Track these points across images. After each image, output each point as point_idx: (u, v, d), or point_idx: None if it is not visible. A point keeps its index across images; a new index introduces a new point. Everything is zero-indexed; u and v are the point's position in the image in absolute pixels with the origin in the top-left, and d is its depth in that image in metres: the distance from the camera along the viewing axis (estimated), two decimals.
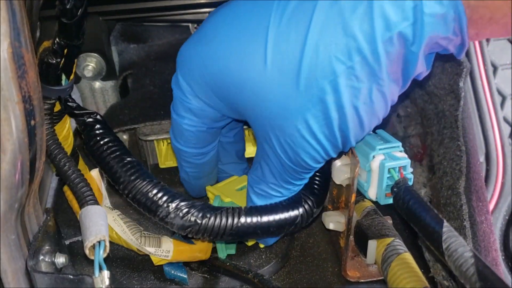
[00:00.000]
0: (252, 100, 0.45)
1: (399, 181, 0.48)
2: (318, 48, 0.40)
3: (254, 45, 0.43)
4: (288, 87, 0.42)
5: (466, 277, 0.38)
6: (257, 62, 0.43)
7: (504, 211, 0.68)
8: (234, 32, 0.45)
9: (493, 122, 0.70)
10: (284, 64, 0.42)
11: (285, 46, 0.42)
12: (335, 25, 0.39)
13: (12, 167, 0.37)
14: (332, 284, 0.55)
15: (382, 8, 0.38)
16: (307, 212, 0.51)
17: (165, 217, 0.48)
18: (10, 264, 0.41)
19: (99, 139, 0.51)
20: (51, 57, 0.47)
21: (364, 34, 0.39)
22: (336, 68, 0.40)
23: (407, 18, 0.38)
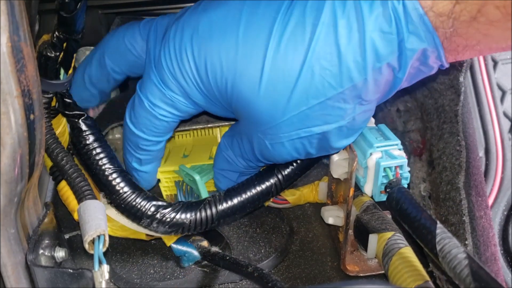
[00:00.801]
0: (242, 107, 0.47)
1: (392, 181, 0.48)
2: (314, 72, 0.43)
3: (252, 60, 0.44)
4: (279, 103, 0.45)
5: (461, 278, 0.38)
6: (253, 78, 0.45)
7: (503, 206, 0.68)
8: (231, 39, 0.45)
9: (493, 116, 0.70)
10: (279, 83, 0.44)
11: (282, 66, 0.44)
12: (332, 53, 0.42)
13: (12, 161, 0.37)
14: (331, 278, 0.55)
15: (373, 42, 0.41)
16: (280, 182, 0.54)
17: (148, 226, 0.51)
18: (10, 258, 0.41)
19: (86, 144, 0.51)
20: (50, 50, 0.47)
21: (356, 65, 0.42)
22: (328, 92, 0.44)
23: (394, 51, 0.42)
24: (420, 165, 0.62)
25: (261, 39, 0.44)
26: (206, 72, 0.47)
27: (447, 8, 0.40)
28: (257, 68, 0.44)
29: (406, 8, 0.40)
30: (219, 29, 0.46)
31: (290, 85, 0.44)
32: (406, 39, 0.41)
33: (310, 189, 0.61)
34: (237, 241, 0.57)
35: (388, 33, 0.41)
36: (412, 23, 0.41)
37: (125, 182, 0.51)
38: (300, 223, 0.62)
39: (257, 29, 0.44)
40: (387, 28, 0.41)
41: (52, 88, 0.49)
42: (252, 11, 0.45)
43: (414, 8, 0.40)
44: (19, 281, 0.42)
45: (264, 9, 0.44)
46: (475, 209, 0.54)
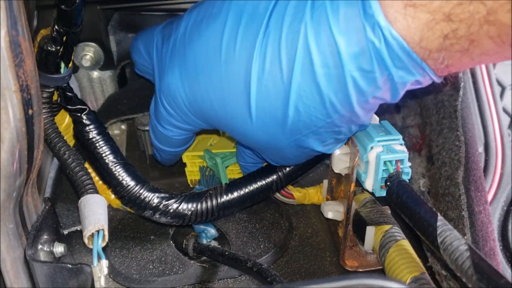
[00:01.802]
0: (240, 138, 0.50)
1: (392, 174, 0.48)
2: (299, 110, 0.43)
3: (239, 97, 0.45)
4: (274, 135, 0.46)
5: (462, 270, 0.38)
6: (243, 116, 0.46)
7: (503, 201, 0.68)
8: (216, 77, 0.46)
9: (493, 112, 0.70)
10: (268, 120, 0.45)
11: (268, 105, 0.44)
12: (312, 91, 0.42)
13: (10, 156, 0.37)
14: (330, 273, 0.55)
15: (354, 80, 0.40)
16: (281, 179, 0.55)
17: (151, 216, 0.53)
18: (9, 253, 0.41)
19: (89, 138, 0.52)
20: (51, 44, 0.47)
21: (340, 100, 0.42)
22: (318, 123, 0.44)
23: (379, 87, 0.41)
24: (419, 160, 0.62)
25: (242, 78, 0.44)
26: (201, 109, 0.49)
27: (436, 42, 0.38)
28: (245, 107, 0.45)
29: (391, 46, 0.38)
30: (203, 66, 0.46)
31: (279, 121, 0.44)
32: (395, 74, 0.40)
33: (316, 190, 0.61)
34: (236, 236, 0.57)
35: (369, 72, 0.40)
36: (398, 60, 0.39)
37: (128, 175, 0.52)
38: (299, 218, 0.62)
39: (237, 67, 0.44)
40: (368, 67, 0.39)
41: (53, 82, 0.49)
42: (230, 44, 0.44)
43: (400, 46, 0.38)
44: (18, 276, 0.42)
45: (241, 42, 0.43)
46: (474, 204, 0.54)
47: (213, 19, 0.46)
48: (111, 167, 0.52)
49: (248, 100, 0.44)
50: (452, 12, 0.36)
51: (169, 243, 0.57)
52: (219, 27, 0.45)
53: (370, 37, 0.38)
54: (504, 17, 0.34)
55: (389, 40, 0.38)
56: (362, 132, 0.51)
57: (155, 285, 0.53)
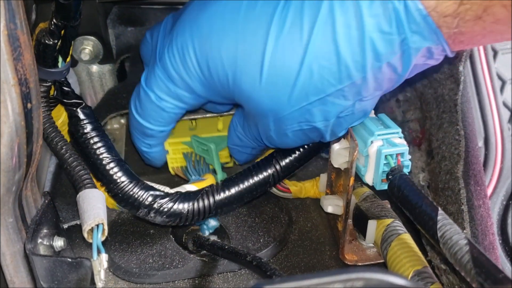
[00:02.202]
0: (245, 101, 0.48)
1: (394, 168, 0.48)
2: (313, 70, 0.43)
3: (251, 58, 0.45)
4: (280, 99, 0.45)
5: (461, 264, 0.38)
6: (253, 75, 0.45)
7: (502, 196, 0.68)
8: (230, 36, 0.45)
9: (493, 106, 0.70)
10: (278, 80, 0.44)
11: (281, 64, 0.44)
12: (330, 52, 0.42)
13: (9, 150, 0.37)
14: (330, 267, 0.55)
15: (373, 42, 0.41)
16: (278, 172, 0.54)
17: (146, 216, 0.51)
18: (9, 247, 0.41)
19: (83, 133, 0.51)
20: (48, 38, 0.46)
21: (355, 64, 0.42)
22: (327, 89, 0.44)
23: (395, 51, 0.42)
24: (419, 154, 0.62)
25: (259, 37, 0.44)
26: (208, 68, 0.47)
27: (451, 8, 0.39)
28: (257, 65, 0.44)
29: (408, 8, 0.39)
30: (218, 26, 0.46)
31: (289, 82, 0.44)
32: (410, 38, 0.41)
33: (312, 184, 0.61)
34: (236, 230, 0.57)
35: (388, 34, 0.41)
36: (415, 23, 0.40)
37: (122, 172, 0.51)
38: (299, 212, 0.62)
39: (255, 26, 0.44)
40: (387, 29, 0.40)
41: (50, 76, 0.49)
42: (250, 6, 0.44)
43: (416, 8, 0.39)
44: (17, 270, 0.42)
45: (262, 5, 0.44)
46: (473, 198, 0.54)
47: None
48: (104, 163, 0.51)
49: (262, 58, 0.44)
50: None
51: (169, 237, 0.57)
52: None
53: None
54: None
55: (408, 3, 0.39)
56: (360, 126, 0.51)
57: (155, 279, 0.53)
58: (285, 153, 0.55)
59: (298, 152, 0.54)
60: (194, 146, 0.60)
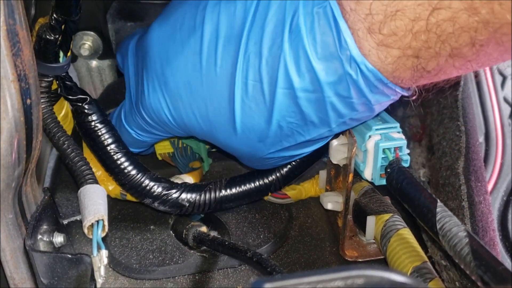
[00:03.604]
0: (222, 146, 0.51)
1: (393, 161, 0.48)
2: (282, 126, 0.45)
3: (222, 116, 0.46)
4: (256, 147, 0.48)
5: (461, 257, 0.38)
6: (227, 131, 0.47)
7: (503, 192, 0.68)
8: (199, 97, 0.47)
9: (493, 102, 0.70)
10: (251, 134, 0.47)
11: (251, 122, 0.46)
12: (294, 111, 0.44)
13: (9, 146, 0.37)
14: (330, 263, 0.55)
15: (333, 105, 0.42)
16: (279, 180, 0.56)
17: (151, 204, 0.54)
18: (8, 243, 0.41)
19: (91, 127, 0.52)
20: (49, 33, 0.46)
21: (321, 120, 0.44)
22: (298, 139, 0.47)
23: (356, 110, 0.43)
24: (420, 150, 0.62)
25: (226, 101, 0.45)
26: (184, 123, 0.49)
27: (408, 73, 0.40)
28: (229, 123, 0.46)
29: (367, 78, 0.40)
30: (184, 84, 0.47)
31: (262, 135, 0.46)
32: (371, 98, 0.42)
33: (311, 183, 0.61)
34: (236, 226, 0.57)
35: (347, 97, 0.42)
36: (375, 87, 0.41)
37: (130, 164, 0.53)
38: (299, 208, 0.62)
39: (220, 87, 0.45)
40: (346, 94, 0.41)
41: (52, 72, 0.49)
42: (210, 65, 0.45)
43: (375, 77, 0.40)
44: (17, 266, 0.42)
45: (222, 64, 0.44)
46: (474, 195, 0.53)
47: (187, 33, 0.46)
48: (113, 155, 0.52)
49: (233, 119, 0.46)
50: (419, 50, 0.38)
51: (169, 233, 0.57)
52: (195, 46, 0.45)
53: (347, 69, 0.40)
54: (467, 51, 0.37)
55: (365, 73, 0.40)
56: None
57: (155, 274, 0.53)
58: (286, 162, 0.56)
59: (298, 160, 0.55)
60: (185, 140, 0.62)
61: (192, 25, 0.46)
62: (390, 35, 0.38)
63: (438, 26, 0.36)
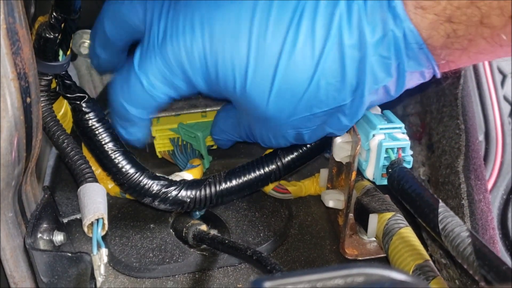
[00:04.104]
0: (249, 108, 0.49)
1: (394, 161, 0.48)
2: (320, 86, 0.45)
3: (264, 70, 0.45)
4: (286, 110, 0.47)
5: (464, 257, 0.38)
6: (263, 87, 0.46)
7: (503, 190, 0.68)
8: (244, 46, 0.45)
9: (493, 100, 0.70)
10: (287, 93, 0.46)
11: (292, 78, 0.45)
12: (337, 70, 0.44)
13: (8, 145, 0.37)
14: (330, 261, 0.55)
15: (372, 66, 0.43)
16: (280, 169, 0.55)
17: (151, 203, 0.53)
18: (8, 242, 0.41)
19: (88, 125, 0.52)
20: (49, 32, 0.46)
21: (357, 83, 0.44)
22: (330, 104, 0.46)
23: (391, 75, 0.44)
24: (420, 148, 0.62)
25: (273, 50, 0.45)
26: (217, 70, 0.47)
27: (440, 40, 0.42)
28: (268, 78, 0.45)
29: (407, 37, 0.42)
30: (233, 30, 0.45)
31: (297, 95, 0.46)
32: (406, 63, 0.43)
33: (312, 181, 0.61)
34: (236, 225, 0.57)
35: (386, 58, 0.43)
36: (411, 50, 0.42)
37: (128, 162, 0.52)
38: (299, 207, 0.62)
39: (270, 39, 0.44)
40: (386, 54, 0.43)
41: (51, 70, 0.49)
42: (264, 16, 0.45)
43: (414, 39, 0.42)
44: (17, 264, 0.42)
45: (276, 18, 0.44)
46: (474, 193, 0.53)
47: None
48: (111, 154, 0.52)
49: (274, 72, 0.45)
50: (453, 15, 0.40)
51: (169, 231, 0.57)
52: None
53: (391, 27, 0.42)
54: (496, 20, 0.39)
55: (406, 32, 0.42)
56: (363, 120, 0.50)
57: (155, 273, 0.53)
58: (288, 151, 0.55)
59: (300, 151, 0.55)
60: (181, 133, 0.62)
61: None
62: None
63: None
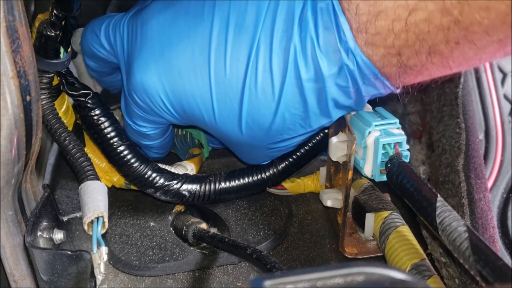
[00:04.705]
0: (223, 138, 0.53)
1: (393, 156, 0.48)
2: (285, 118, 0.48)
3: (229, 106, 0.48)
4: (259, 138, 0.50)
5: (460, 251, 0.38)
6: (232, 122, 0.49)
7: (503, 189, 0.68)
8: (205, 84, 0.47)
9: (493, 99, 0.70)
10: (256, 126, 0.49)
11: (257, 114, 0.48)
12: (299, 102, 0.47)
13: (8, 143, 0.37)
14: (329, 260, 0.55)
15: (332, 94, 0.46)
16: (275, 175, 0.57)
17: (153, 194, 0.56)
18: (8, 240, 0.41)
19: (95, 121, 0.53)
20: (50, 29, 0.46)
21: (321, 110, 0.47)
22: (299, 131, 0.50)
23: (351, 98, 0.47)
24: (420, 147, 0.62)
25: (236, 91, 0.47)
26: (184, 110, 0.49)
27: (393, 69, 0.44)
28: (235, 115, 0.48)
29: (362, 69, 0.44)
30: (189, 70, 0.47)
31: (265, 127, 0.49)
32: (363, 89, 0.46)
33: (312, 179, 0.61)
34: (236, 223, 0.57)
35: (345, 87, 0.45)
36: (367, 79, 0.45)
37: (133, 156, 0.54)
38: (299, 205, 0.62)
39: (230, 76, 0.46)
40: (344, 84, 0.45)
41: (53, 68, 0.49)
42: (219, 52, 0.46)
43: (369, 70, 0.44)
44: (17, 262, 0.42)
45: (232, 53, 0.46)
46: (474, 192, 0.54)
47: (195, 20, 0.47)
48: (117, 148, 0.54)
49: (240, 110, 0.48)
50: (401, 48, 0.42)
51: (169, 229, 0.57)
52: (204, 32, 0.46)
53: (345, 61, 0.44)
54: (443, 48, 0.41)
55: (360, 64, 0.44)
56: (357, 118, 0.50)
57: (155, 271, 0.53)
58: (283, 158, 0.57)
59: (295, 156, 0.57)
60: None
61: (200, 12, 0.47)
62: (375, 34, 0.42)
63: (416, 26, 0.40)
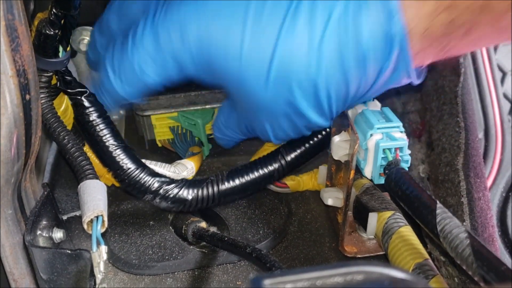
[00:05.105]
0: (244, 96, 0.48)
1: (391, 162, 0.47)
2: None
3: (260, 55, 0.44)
4: (283, 95, 0.46)
5: (463, 258, 0.38)
6: (260, 74, 0.45)
7: (502, 188, 0.68)
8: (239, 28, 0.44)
9: (493, 98, 0.70)
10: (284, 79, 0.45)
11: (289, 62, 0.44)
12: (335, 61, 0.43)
13: (8, 142, 0.37)
14: (329, 259, 0.55)
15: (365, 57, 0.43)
16: (283, 167, 0.55)
17: (152, 201, 0.52)
18: (8, 239, 0.41)
19: (89, 120, 0.52)
20: (49, 28, 0.46)
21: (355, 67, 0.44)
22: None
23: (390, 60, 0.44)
24: (419, 146, 0.62)
25: (270, 38, 0.43)
26: (210, 55, 0.46)
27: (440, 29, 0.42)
28: (265, 64, 0.44)
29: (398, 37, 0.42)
30: (226, 13, 0.45)
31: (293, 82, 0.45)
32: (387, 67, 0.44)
33: (310, 176, 0.61)
34: (235, 222, 0.57)
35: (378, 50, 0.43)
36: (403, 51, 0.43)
37: (129, 158, 0.52)
38: (299, 204, 0.62)
39: (266, 24, 0.43)
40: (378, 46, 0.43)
41: (52, 67, 0.49)
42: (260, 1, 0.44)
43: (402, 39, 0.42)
44: (17, 261, 0.42)
45: (272, 4, 0.43)
46: (473, 191, 0.54)
47: None
48: (111, 150, 0.52)
49: (270, 58, 0.44)
50: (452, 4, 0.40)
51: (169, 228, 0.57)
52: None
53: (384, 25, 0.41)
54: (497, 5, 0.39)
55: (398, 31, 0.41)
56: (362, 118, 0.50)
57: (155, 270, 0.53)
58: (290, 149, 0.55)
59: (303, 148, 0.55)
60: (181, 120, 0.62)
61: None
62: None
63: None
